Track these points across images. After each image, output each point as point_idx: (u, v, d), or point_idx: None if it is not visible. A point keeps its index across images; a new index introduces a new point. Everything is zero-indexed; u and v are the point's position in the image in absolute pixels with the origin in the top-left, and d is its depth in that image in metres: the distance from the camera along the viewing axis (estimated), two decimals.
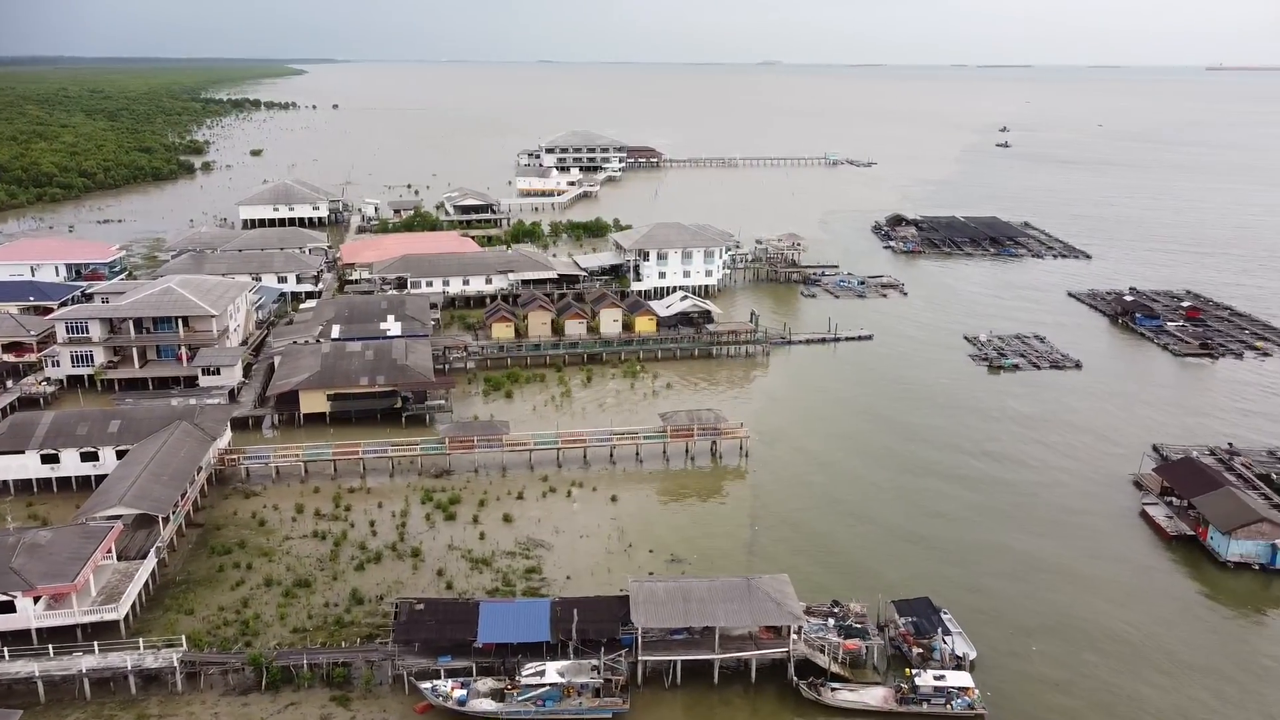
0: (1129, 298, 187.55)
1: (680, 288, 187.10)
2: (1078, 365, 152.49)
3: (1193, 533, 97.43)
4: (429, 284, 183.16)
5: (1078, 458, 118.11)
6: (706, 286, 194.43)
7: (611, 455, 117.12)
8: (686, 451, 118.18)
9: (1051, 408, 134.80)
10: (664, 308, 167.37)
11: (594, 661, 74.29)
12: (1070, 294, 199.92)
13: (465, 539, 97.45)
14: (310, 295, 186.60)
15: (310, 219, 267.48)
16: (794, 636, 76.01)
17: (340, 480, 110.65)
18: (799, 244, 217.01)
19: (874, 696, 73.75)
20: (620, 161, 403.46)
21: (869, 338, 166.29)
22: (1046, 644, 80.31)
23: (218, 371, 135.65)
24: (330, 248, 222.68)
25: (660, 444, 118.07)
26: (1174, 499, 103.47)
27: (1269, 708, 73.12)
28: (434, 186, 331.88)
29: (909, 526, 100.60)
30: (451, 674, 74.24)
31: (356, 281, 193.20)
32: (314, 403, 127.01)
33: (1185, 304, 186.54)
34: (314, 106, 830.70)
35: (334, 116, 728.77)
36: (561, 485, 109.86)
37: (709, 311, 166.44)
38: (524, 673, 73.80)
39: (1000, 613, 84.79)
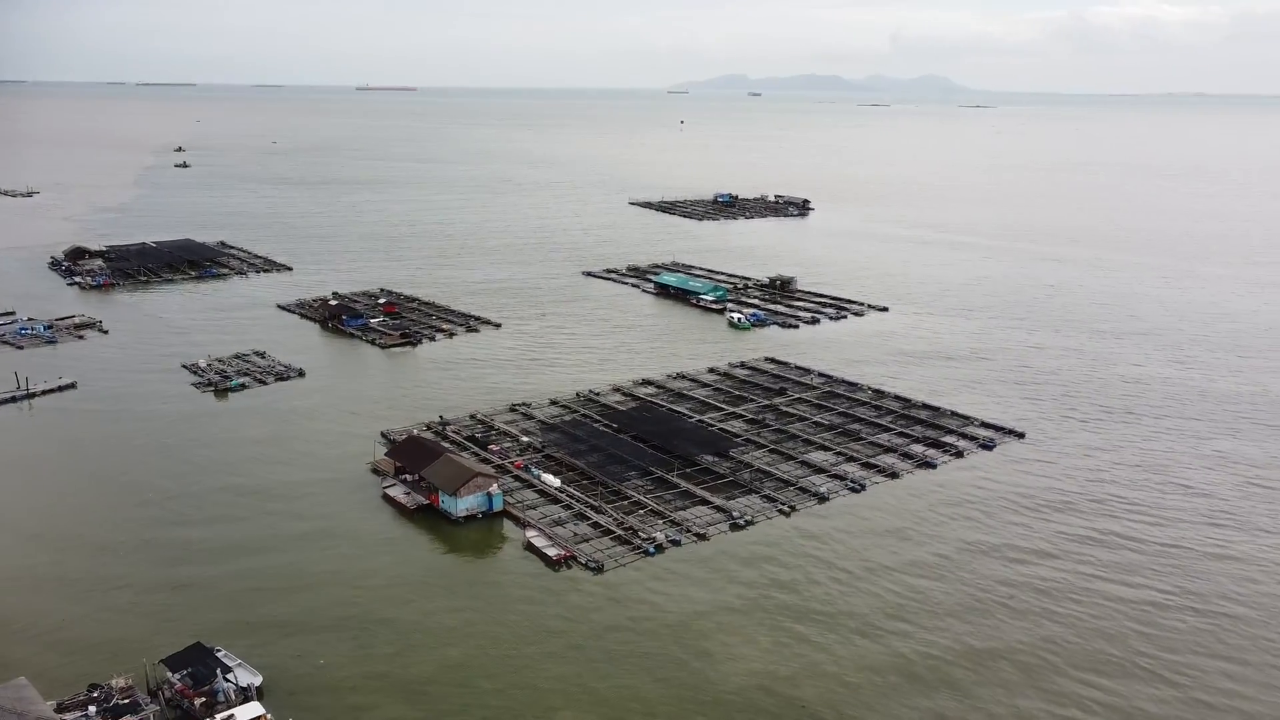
0: (333, 302, 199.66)
1: None
2: (301, 373, 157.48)
3: (428, 501, 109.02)
4: None
5: (320, 461, 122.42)
6: None
7: None
8: None
9: (287, 419, 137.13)
10: None
11: None
12: (280, 306, 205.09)
13: None
14: None
15: None
16: None
17: None
18: None
19: None
20: None
21: (73, 386, 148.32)
22: (334, 649, 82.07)
23: None
24: None
25: None
26: (407, 475, 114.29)
27: (524, 649, 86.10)
28: None
29: (165, 579, 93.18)
30: None
31: None
32: None
33: (382, 301, 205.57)
34: None
35: None
36: None
37: None
38: None
39: (284, 633, 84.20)
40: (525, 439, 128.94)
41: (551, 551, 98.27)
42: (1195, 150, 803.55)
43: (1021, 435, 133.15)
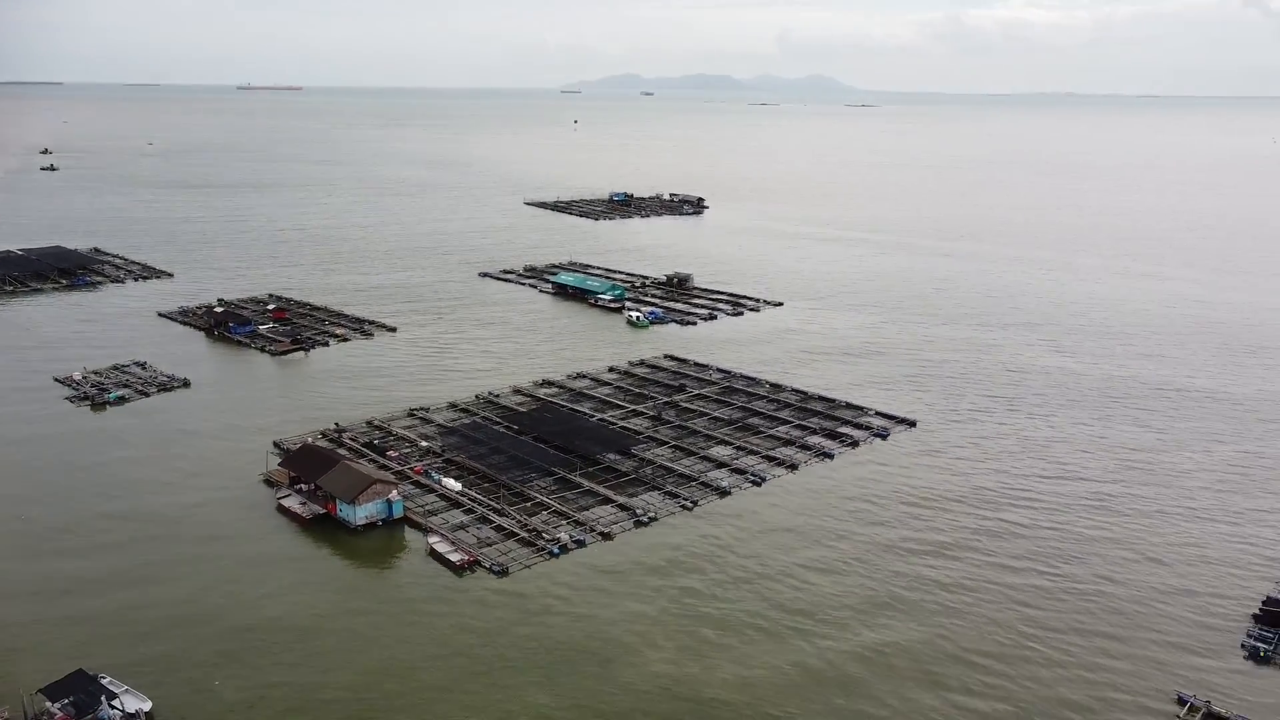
0: (219, 309, 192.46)
1: None
2: (186, 383, 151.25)
3: (325, 510, 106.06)
4: None
5: (211, 473, 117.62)
6: None
7: None
8: None
9: (172, 431, 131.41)
10: None
11: None
12: (161, 314, 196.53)
13: None
14: None
15: None
16: None
17: None
18: None
19: None
20: None
21: None
22: (229, 669, 78.93)
23: None
24: None
25: None
26: (303, 485, 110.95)
27: (445, 646, 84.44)
28: None
29: (43, 611, 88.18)
30: None
31: None
32: None
33: (271, 307, 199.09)
34: None
35: None
36: None
37: None
38: None
39: (175, 656, 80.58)
40: (424, 444, 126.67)
41: (455, 557, 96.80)
42: (1069, 147, 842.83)
43: (913, 424, 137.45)
